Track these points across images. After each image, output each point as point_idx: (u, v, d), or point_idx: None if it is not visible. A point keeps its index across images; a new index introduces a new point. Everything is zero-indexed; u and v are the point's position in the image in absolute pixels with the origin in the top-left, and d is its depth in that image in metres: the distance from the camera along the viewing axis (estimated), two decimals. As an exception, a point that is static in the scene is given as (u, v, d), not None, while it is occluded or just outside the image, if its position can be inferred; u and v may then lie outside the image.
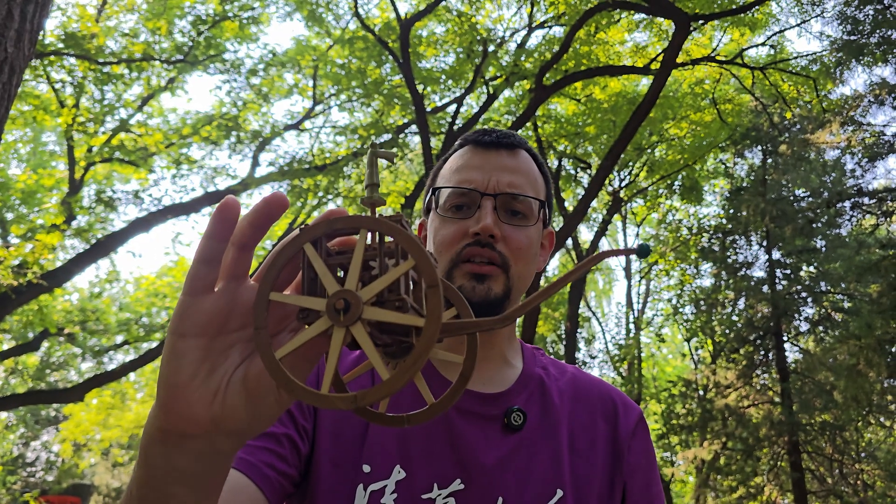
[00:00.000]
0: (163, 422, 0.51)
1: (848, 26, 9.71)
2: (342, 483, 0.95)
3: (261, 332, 0.46)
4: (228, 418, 0.50)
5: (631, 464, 1.06)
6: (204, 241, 0.50)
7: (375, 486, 0.95)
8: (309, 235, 0.48)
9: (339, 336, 0.46)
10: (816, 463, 12.29)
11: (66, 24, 9.28)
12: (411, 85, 8.73)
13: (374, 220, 0.47)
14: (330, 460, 0.96)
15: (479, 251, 1.02)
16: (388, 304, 0.47)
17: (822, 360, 11.49)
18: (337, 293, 0.46)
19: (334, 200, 11.78)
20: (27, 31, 3.37)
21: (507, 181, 1.06)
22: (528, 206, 1.07)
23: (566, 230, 8.90)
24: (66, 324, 10.93)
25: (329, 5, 10.41)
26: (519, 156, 1.10)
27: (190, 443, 0.51)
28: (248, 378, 0.51)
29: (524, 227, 1.06)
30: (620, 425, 1.08)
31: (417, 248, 0.46)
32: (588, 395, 1.11)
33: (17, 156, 12.82)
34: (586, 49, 9.96)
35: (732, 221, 13.23)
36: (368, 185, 0.52)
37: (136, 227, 9.97)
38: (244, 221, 0.51)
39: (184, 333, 0.50)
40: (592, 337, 17.31)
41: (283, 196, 0.51)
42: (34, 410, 20.28)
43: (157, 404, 0.51)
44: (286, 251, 0.48)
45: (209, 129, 10.75)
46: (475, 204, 1.05)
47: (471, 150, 1.11)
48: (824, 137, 11.47)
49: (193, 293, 0.50)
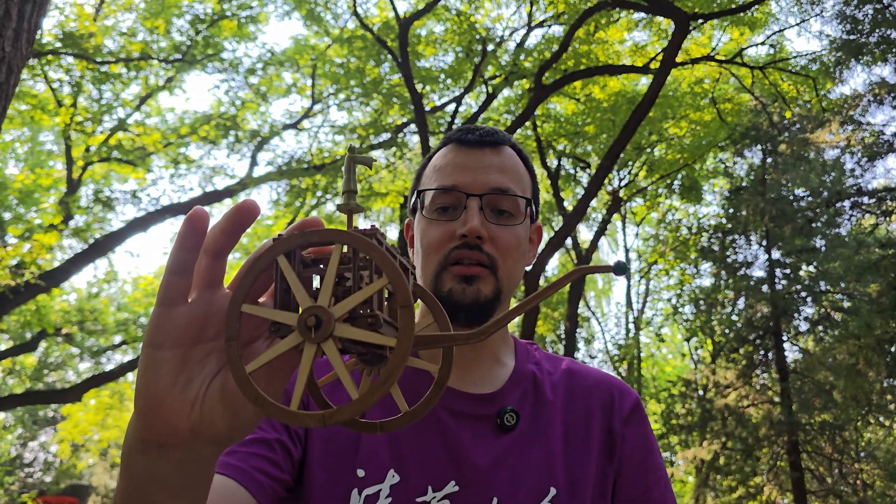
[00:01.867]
0: (142, 432, 0.51)
1: (847, 25, 9.69)
2: (336, 488, 0.95)
3: (231, 345, 0.46)
4: (207, 427, 0.50)
5: (624, 452, 1.05)
6: (174, 251, 0.50)
7: (370, 490, 0.95)
8: (283, 247, 0.48)
9: (311, 352, 0.46)
10: (816, 462, 12.28)
11: (64, 23, 9.26)
12: (410, 84, 8.72)
13: (348, 234, 0.47)
14: (323, 465, 0.97)
15: (468, 254, 1.01)
16: (360, 319, 0.47)
17: (822, 360, 11.49)
18: (309, 309, 0.46)
19: (333, 200, 11.76)
20: (25, 31, 3.35)
21: (492, 180, 1.05)
22: (515, 204, 1.06)
23: (565, 230, 8.88)
24: (63, 324, 10.91)
25: (328, 4, 10.38)
26: (503, 153, 1.09)
27: (170, 452, 0.51)
28: (226, 387, 0.51)
29: (511, 225, 1.05)
30: (615, 412, 1.07)
31: (391, 265, 0.46)
32: (583, 384, 1.10)
33: (15, 155, 12.78)
34: (586, 48, 9.95)
35: (732, 221, 13.23)
36: (346, 191, 0.52)
37: (134, 226, 9.95)
38: (216, 229, 0.51)
39: (160, 344, 0.50)
40: (592, 337, 17.31)
41: (254, 203, 0.50)
42: (32, 411, 20.26)
43: (136, 415, 0.51)
44: (260, 262, 0.48)
45: (207, 129, 10.73)
46: (461, 204, 1.04)
47: (454, 149, 1.10)
48: (824, 137, 11.47)
49: (167, 304, 0.50)
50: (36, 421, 21.11)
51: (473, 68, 9.58)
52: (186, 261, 0.50)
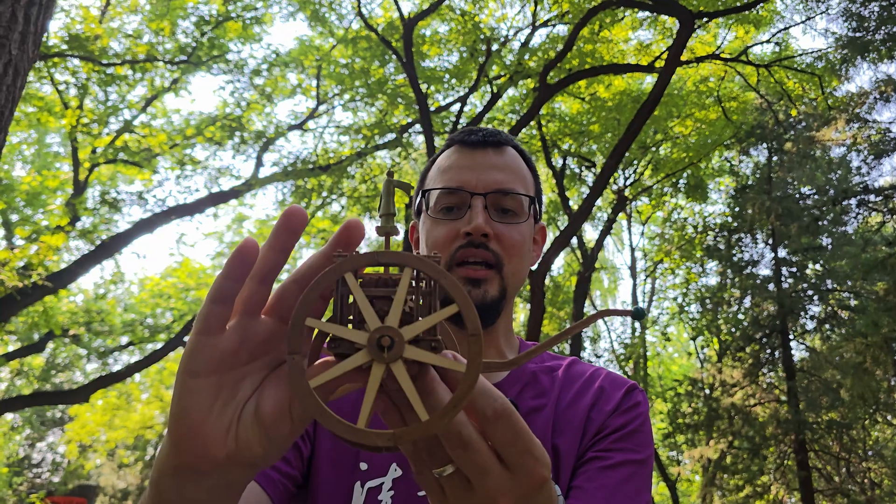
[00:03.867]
0: (176, 458, 0.51)
1: (853, 23, 9.65)
2: (340, 481, 0.97)
3: (295, 359, 0.46)
4: (243, 452, 0.51)
5: (602, 439, 1.01)
6: (219, 280, 0.51)
7: (372, 483, 0.96)
8: (352, 265, 0.48)
9: (379, 372, 0.46)
10: (823, 461, 12.23)
11: (70, 25, 9.29)
12: (415, 84, 8.72)
13: (419, 259, 0.47)
14: (329, 460, 0.99)
15: (473, 252, 1.03)
16: (423, 343, 0.48)
17: (829, 359, 11.44)
18: (379, 329, 0.46)
19: (338, 200, 11.78)
20: (31, 34, 3.38)
21: (495, 179, 1.07)
22: (519, 203, 1.08)
23: (571, 229, 8.86)
24: (71, 325, 10.95)
25: (332, 5, 10.39)
26: (506, 153, 1.11)
27: (204, 478, 0.51)
28: (261, 410, 0.51)
29: (516, 223, 1.07)
30: (601, 403, 1.05)
31: (461, 293, 0.47)
32: (579, 376, 1.10)
33: (22, 157, 12.84)
34: (590, 47, 9.93)
35: (738, 219, 13.18)
36: (384, 214, 0.52)
37: (141, 228, 9.98)
38: (265, 248, 0.51)
39: (196, 372, 0.50)
40: (598, 336, 17.27)
41: (300, 209, 0.50)
42: (40, 412, 20.32)
43: (170, 441, 0.51)
44: (327, 278, 0.48)
45: (213, 130, 10.76)
46: (465, 204, 1.06)
47: (458, 149, 1.12)
48: (830, 135, 11.42)
49: (206, 332, 0.50)
50: (44, 422, 21.18)
51: (478, 68, 9.57)
52: (231, 290, 0.50)
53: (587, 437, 1.01)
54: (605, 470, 0.97)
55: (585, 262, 12.30)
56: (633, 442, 1.01)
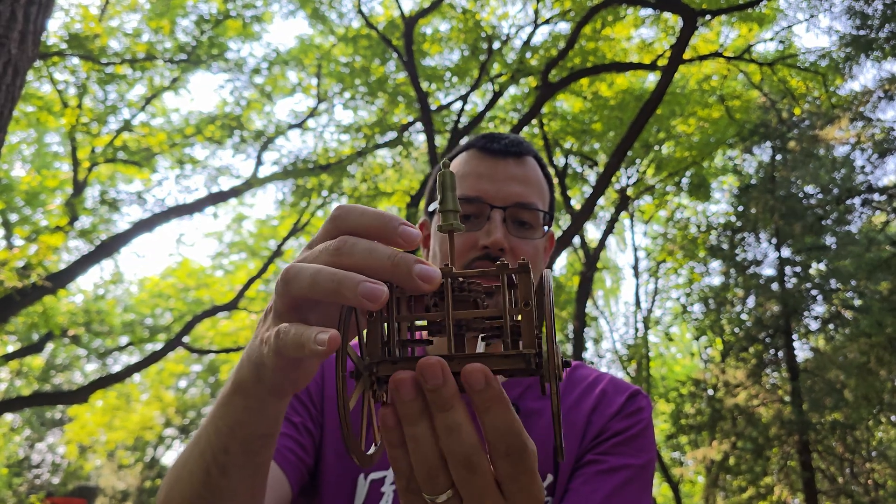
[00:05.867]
0: (282, 382, 0.57)
1: (857, 21, 9.63)
2: (345, 472, 0.99)
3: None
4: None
5: (602, 442, 1.03)
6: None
7: (375, 475, 0.98)
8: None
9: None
10: (827, 462, 12.20)
11: (69, 24, 9.25)
12: (416, 83, 8.68)
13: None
14: (334, 450, 1.01)
15: (489, 265, 1.01)
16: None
17: (833, 359, 11.41)
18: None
19: (339, 199, 11.74)
20: (30, 33, 3.38)
21: (516, 192, 1.07)
22: (536, 217, 1.08)
23: (573, 228, 8.81)
24: (70, 325, 10.91)
25: (332, 3, 10.36)
26: (527, 164, 1.11)
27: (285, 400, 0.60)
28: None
29: (531, 238, 1.07)
30: (603, 406, 1.07)
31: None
32: (582, 382, 1.11)
33: (21, 157, 12.79)
34: (592, 45, 9.89)
35: (741, 219, 13.15)
36: (447, 210, 0.54)
37: (140, 227, 9.94)
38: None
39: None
40: (600, 336, 17.24)
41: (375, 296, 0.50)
42: (39, 412, 20.32)
43: (278, 369, 0.55)
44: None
45: (212, 129, 10.72)
46: (483, 214, 1.05)
47: (478, 156, 1.11)
48: (833, 133, 11.39)
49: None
50: (43, 422, 21.18)
51: (479, 66, 9.54)
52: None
53: (587, 439, 1.03)
54: (602, 474, 0.99)
55: (588, 262, 12.25)
56: (633, 447, 1.03)
